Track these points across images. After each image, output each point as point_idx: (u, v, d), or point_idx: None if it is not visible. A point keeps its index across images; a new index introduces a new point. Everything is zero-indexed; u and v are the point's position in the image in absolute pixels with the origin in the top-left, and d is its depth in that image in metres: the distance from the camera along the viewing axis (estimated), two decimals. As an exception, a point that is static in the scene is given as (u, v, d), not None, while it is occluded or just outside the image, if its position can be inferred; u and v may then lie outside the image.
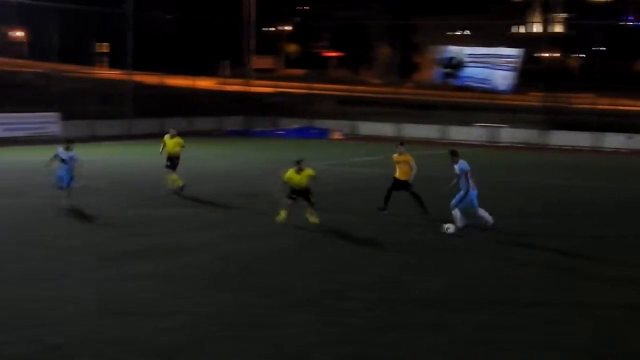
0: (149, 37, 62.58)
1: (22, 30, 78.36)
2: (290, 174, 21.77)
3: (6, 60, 58.15)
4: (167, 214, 23.50)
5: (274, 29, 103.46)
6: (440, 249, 19.57)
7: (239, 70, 72.85)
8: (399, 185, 23.51)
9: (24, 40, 79.86)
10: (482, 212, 21.25)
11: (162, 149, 28.45)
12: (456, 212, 21.08)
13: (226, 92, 69.04)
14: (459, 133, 56.06)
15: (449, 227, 20.88)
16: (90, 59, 58.18)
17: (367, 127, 58.25)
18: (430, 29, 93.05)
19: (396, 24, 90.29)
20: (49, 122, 50.40)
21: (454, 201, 21.13)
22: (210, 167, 36.19)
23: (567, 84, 66.57)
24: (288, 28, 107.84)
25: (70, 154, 23.80)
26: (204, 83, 69.41)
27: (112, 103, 57.94)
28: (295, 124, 59.38)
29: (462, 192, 20.88)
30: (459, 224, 21.00)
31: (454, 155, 21.28)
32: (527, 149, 51.32)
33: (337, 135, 55.09)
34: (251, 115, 62.16)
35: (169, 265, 17.06)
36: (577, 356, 12.26)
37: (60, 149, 23.91)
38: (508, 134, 55.37)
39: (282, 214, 21.81)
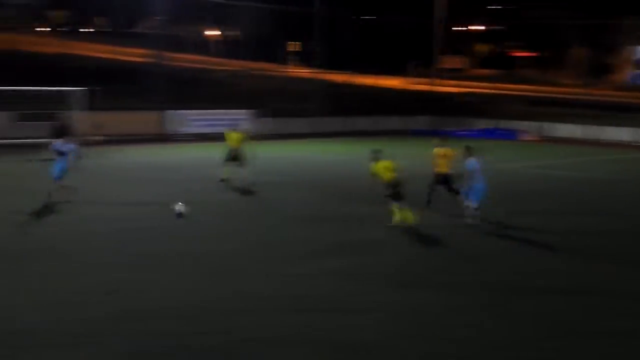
0: (339, 36, 63.26)
1: (216, 29, 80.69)
2: (377, 168, 21.08)
3: (201, 58, 60.05)
4: (346, 211, 23.59)
5: (464, 28, 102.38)
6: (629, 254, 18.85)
7: (427, 70, 72.64)
8: (441, 179, 23.73)
9: (219, 39, 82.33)
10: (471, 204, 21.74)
11: (227, 143, 29.00)
12: (468, 204, 21.64)
13: (413, 92, 68.95)
14: (654, 136, 53.80)
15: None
16: (282, 58, 59.25)
17: (558, 129, 56.74)
18: (627, 29, 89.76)
19: (590, 24, 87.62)
20: (241, 119, 51.70)
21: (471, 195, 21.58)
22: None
23: None
24: (478, 28, 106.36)
25: (68, 146, 23.94)
26: (392, 82, 69.60)
27: (301, 101, 58.88)
28: (482, 124, 58.48)
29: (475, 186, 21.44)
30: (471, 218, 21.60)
31: (467, 151, 21.91)
32: None
33: (529, 137, 53.92)
34: (438, 115, 61.71)
35: (352, 262, 17.12)
36: None
37: (57, 142, 23.95)
38: None
39: (397, 214, 21.12)
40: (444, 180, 23.59)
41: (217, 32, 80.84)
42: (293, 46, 78.10)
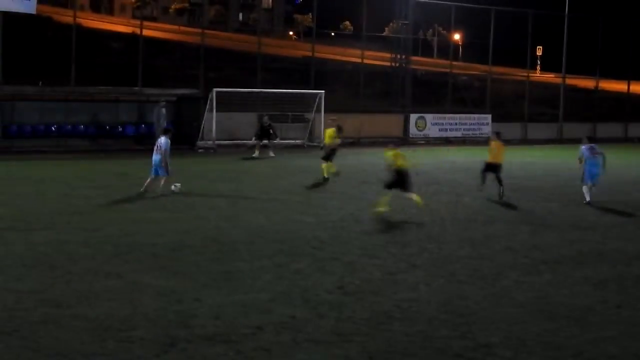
0: (584, 39, 61.50)
1: (459, 32, 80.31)
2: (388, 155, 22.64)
3: (446, 62, 60.04)
4: (607, 220, 23.19)
5: None
6: None
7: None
8: (492, 167, 26.55)
9: (463, 43, 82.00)
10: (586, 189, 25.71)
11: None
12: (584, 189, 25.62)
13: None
14: None
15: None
16: (524, 62, 58.33)
17: None
18: None
19: None
20: (482, 123, 51.37)
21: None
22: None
23: None
24: None
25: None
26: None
27: (544, 106, 57.84)
28: None
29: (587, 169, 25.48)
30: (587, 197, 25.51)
31: (587, 140, 26.34)
32: None
33: None
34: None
35: (602, 273, 16.64)
36: None
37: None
38: None
39: (383, 204, 22.14)
40: (494, 168, 26.38)
41: (462, 36, 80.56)
42: (539, 50, 76.65)
